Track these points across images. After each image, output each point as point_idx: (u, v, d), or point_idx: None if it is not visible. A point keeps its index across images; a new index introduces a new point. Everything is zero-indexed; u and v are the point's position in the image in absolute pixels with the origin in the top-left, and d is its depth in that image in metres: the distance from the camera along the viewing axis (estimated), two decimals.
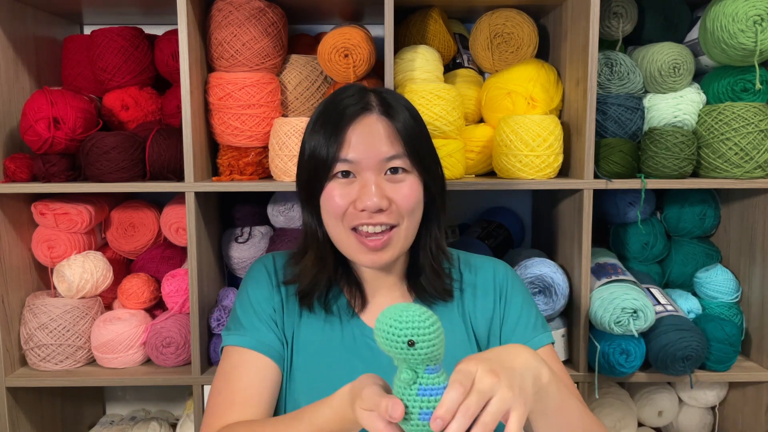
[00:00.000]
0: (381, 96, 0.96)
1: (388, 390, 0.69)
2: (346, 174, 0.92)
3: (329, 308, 0.99)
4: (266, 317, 0.99)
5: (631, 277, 1.49)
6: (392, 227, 0.93)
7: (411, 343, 0.64)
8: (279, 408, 0.99)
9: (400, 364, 0.67)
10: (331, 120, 0.94)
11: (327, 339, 0.98)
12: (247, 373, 0.95)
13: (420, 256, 1.01)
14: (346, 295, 1.02)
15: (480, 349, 1.01)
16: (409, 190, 0.93)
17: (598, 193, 1.50)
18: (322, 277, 0.99)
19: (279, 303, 1.00)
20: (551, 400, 0.76)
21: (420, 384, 0.66)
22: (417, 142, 0.95)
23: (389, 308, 0.66)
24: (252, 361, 0.96)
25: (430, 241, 1.00)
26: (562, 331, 1.50)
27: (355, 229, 0.93)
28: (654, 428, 1.71)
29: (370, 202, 0.90)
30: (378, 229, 0.92)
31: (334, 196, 0.92)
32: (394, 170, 0.92)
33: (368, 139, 0.92)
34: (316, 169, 0.93)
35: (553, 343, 1.02)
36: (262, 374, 0.95)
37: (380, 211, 0.91)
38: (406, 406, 0.66)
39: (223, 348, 1.00)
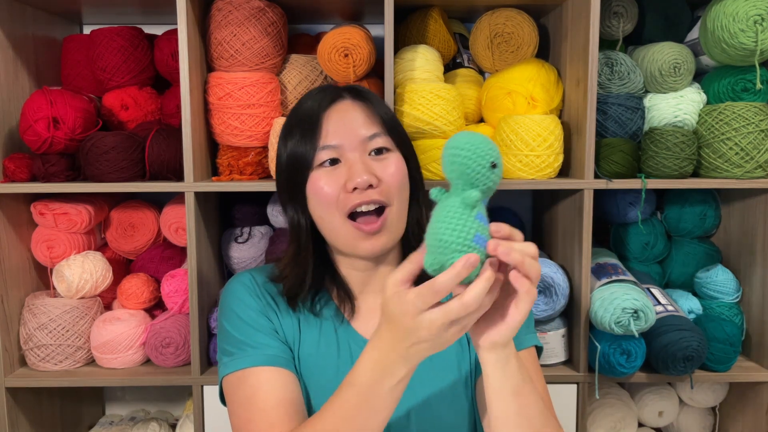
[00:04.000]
0: (350, 86, 0.98)
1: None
2: (333, 162, 0.92)
3: (317, 313, 0.97)
4: (267, 329, 0.95)
5: (631, 277, 1.48)
6: (384, 208, 0.91)
7: (494, 165, 0.66)
8: None
9: (465, 187, 0.67)
10: (304, 116, 0.94)
11: (323, 352, 0.96)
12: (273, 391, 0.89)
13: (405, 236, 0.98)
14: (335, 301, 0.99)
15: (471, 349, 0.99)
16: (395, 168, 0.92)
17: (598, 193, 1.50)
18: (305, 268, 0.96)
19: (273, 313, 0.97)
20: (512, 378, 0.74)
21: (479, 210, 0.68)
22: (393, 122, 0.96)
23: (463, 133, 0.67)
24: (273, 378, 0.90)
25: (411, 217, 0.98)
26: (562, 331, 1.50)
27: (351, 218, 0.91)
28: (654, 429, 1.71)
29: (360, 179, 0.88)
30: (371, 207, 0.90)
31: (322, 186, 0.91)
32: (378, 150, 0.93)
33: (346, 123, 0.92)
34: (298, 164, 0.93)
35: (540, 348, 1.00)
36: (288, 387, 0.91)
37: (371, 187, 0.89)
38: (458, 228, 0.66)
39: (223, 379, 0.94)
